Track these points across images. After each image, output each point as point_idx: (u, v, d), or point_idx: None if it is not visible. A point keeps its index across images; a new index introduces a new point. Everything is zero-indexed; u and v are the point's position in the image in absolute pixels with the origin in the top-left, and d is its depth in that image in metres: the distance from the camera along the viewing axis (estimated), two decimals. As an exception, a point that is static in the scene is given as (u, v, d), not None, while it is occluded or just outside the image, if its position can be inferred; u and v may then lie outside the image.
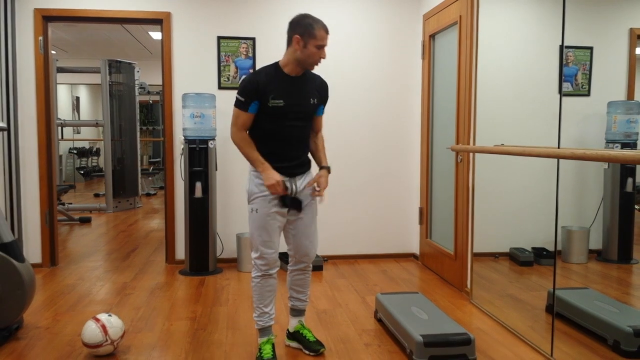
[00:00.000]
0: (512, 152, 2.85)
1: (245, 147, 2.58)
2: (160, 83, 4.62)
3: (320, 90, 2.68)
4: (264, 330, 2.69)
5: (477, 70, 3.56)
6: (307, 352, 2.78)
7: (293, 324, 2.87)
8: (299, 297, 2.84)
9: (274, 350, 2.66)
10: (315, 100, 2.64)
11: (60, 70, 7.97)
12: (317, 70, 2.72)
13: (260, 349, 2.67)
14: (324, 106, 2.75)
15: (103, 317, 2.74)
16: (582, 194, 2.92)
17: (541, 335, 2.82)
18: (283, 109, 2.53)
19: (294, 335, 2.86)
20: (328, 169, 2.70)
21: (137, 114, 8.22)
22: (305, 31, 2.47)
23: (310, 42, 2.48)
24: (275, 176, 2.51)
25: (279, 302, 3.54)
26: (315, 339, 2.80)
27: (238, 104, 2.55)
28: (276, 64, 2.60)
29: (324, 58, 2.55)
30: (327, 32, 2.51)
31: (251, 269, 2.69)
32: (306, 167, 2.70)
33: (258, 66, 4.59)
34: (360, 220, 4.85)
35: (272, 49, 4.59)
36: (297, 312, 2.87)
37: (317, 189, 2.64)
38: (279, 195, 2.56)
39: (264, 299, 2.65)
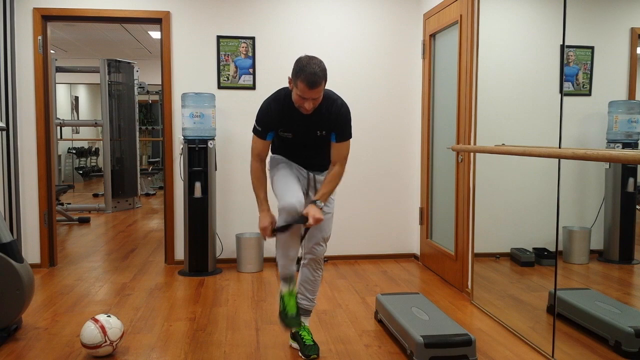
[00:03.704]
0: (513, 152, 2.84)
1: (255, 181, 2.67)
2: (160, 83, 4.61)
3: (331, 120, 2.58)
4: (285, 280, 2.63)
5: (477, 69, 3.56)
6: (300, 354, 2.76)
7: (296, 323, 2.86)
8: (305, 295, 2.83)
9: (297, 306, 2.62)
10: (324, 132, 2.60)
11: (60, 69, 7.95)
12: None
13: (283, 300, 2.61)
14: (340, 133, 2.61)
15: (102, 317, 2.73)
16: (583, 194, 2.91)
17: (542, 336, 2.81)
18: (292, 140, 2.66)
19: (294, 336, 2.85)
20: (314, 203, 2.54)
21: (137, 113, 8.21)
22: (294, 76, 2.43)
23: (295, 88, 2.45)
24: (264, 221, 2.56)
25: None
26: (310, 343, 2.76)
27: (256, 132, 2.65)
28: (288, 93, 2.57)
29: (305, 110, 2.46)
30: (311, 86, 2.36)
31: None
32: (325, 167, 2.75)
33: (258, 66, 4.60)
34: (361, 221, 4.84)
35: (272, 49, 4.59)
36: (302, 311, 2.84)
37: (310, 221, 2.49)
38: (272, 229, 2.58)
39: (285, 248, 2.60)
